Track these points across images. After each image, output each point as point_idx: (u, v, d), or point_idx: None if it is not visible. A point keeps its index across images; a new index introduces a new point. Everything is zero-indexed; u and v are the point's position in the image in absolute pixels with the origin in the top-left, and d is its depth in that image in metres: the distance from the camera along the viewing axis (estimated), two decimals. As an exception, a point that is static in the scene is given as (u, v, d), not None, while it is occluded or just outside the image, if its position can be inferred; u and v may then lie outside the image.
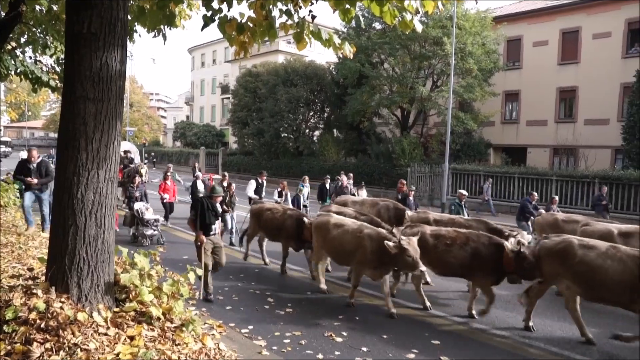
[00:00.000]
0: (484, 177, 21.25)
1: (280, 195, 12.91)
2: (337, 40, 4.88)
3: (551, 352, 5.92)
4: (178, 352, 3.87)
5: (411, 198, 12.71)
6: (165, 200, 13.86)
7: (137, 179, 12.28)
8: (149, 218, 11.25)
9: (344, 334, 6.14)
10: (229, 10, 4.82)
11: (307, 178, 14.53)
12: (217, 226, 7.38)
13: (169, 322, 4.24)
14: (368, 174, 25.89)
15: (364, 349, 5.70)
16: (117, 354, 3.57)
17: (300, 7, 4.76)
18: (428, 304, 7.37)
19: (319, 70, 31.21)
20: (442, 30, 22.14)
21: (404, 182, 14.16)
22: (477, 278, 6.99)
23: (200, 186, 14.35)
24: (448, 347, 5.88)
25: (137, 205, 11.36)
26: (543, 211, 11.48)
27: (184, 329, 4.21)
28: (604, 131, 22.68)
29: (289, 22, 4.78)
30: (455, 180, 22.21)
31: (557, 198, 12.95)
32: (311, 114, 32.04)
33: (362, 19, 25.23)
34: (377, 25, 25.69)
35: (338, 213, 8.79)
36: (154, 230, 11.25)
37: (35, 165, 9.53)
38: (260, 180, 13.07)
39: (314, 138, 32.67)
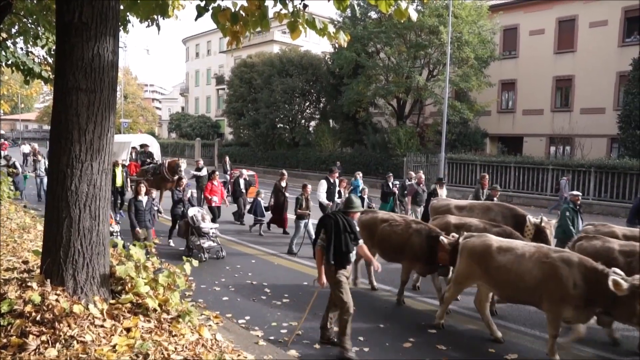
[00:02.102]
0: (480, 166, 21.28)
1: (340, 197, 11.00)
2: (331, 30, 4.83)
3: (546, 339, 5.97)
4: (175, 343, 3.87)
5: (495, 199, 10.50)
6: (214, 204, 11.93)
7: (184, 180, 10.58)
8: (206, 227, 9.46)
9: (341, 323, 6.17)
10: (222, 0, 4.77)
11: (360, 174, 12.44)
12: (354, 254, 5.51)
13: (165, 313, 4.24)
14: (364, 164, 25.85)
15: (361, 338, 5.72)
16: (114, 346, 3.57)
17: (294, -5, 4.70)
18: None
19: (315, 61, 31.02)
20: (438, 19, 22.02)
21: (486, 176, 11.36)
22: None
23: (242, 185, 13.31)
24: (445, 336, 5.92)
25: (192, 212, 9.61)
26: None
27: (180, 320, 4.21)
28: (600, 120, 22.71)
29: (284, 11, 4.73)
30: (452, 170, 22.24)
31: None
32: (307, 104, 31.90)
33: (357, 8, 25.06)
34: (373, 14, 25.52)
35: (460, 226, 7.22)
36: (213, 241, 9.51)
37: None
38: (331, 180, 11.07)
39: (310, 128, 32.58)
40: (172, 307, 4.32)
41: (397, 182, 13.22)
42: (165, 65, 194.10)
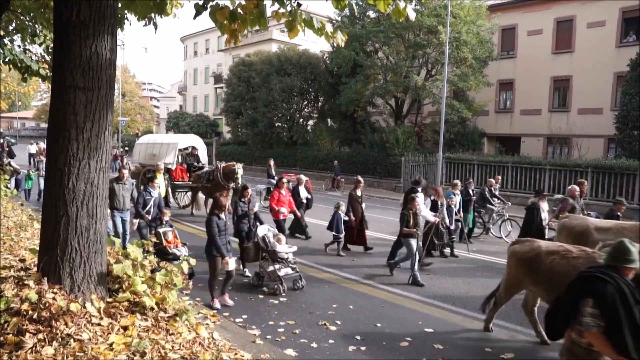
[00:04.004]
0: (477, 166, 21.29)
1: (435, 207, 9.64)
2: (329, 29, 4.82)
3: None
4: (172, 341, 3.87)
5: (620, 215, 8.34)
6: (281, 217, 10.09)
7: (249, 190, 8.61)
8: (282, 252, 7.59)
9: (338, 322, 6.18)
10: (220, -2, 4.76)
11: (459, 185, 10.61)
12: None
13: (162, 312, 4.24)
14: (362, 164, 25.95)
15: (358, 337, 5.74)
16: (111, 344, 3.57)
17: (292, -6, 4.69)
18: None
19: (313, 59, 31.01)
20: (437, 18, 22.03)
21: (585, 182, 9.49)
22: None
23: (304, 193, 11.55)
24: (441, 335, 5.93)
25: (262, 231, 7.73)
26: None
27: (177, 318, 4.22)
28: (597, 120, 22.75)
29: (281, 10, 4.72)
30: (449, 169, 22.28)
31: None
32: (305, 103, 31.90)
33: (355, 7, 25.08)
34: (372, 14, 25.53)
35: None
36: (290, 268, 7.64)
37: None
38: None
39: (308, 127, 32.58)
40: (169, 305, 4.32)
41: (476, 189, 11.47)
42: (163, 63, 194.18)
